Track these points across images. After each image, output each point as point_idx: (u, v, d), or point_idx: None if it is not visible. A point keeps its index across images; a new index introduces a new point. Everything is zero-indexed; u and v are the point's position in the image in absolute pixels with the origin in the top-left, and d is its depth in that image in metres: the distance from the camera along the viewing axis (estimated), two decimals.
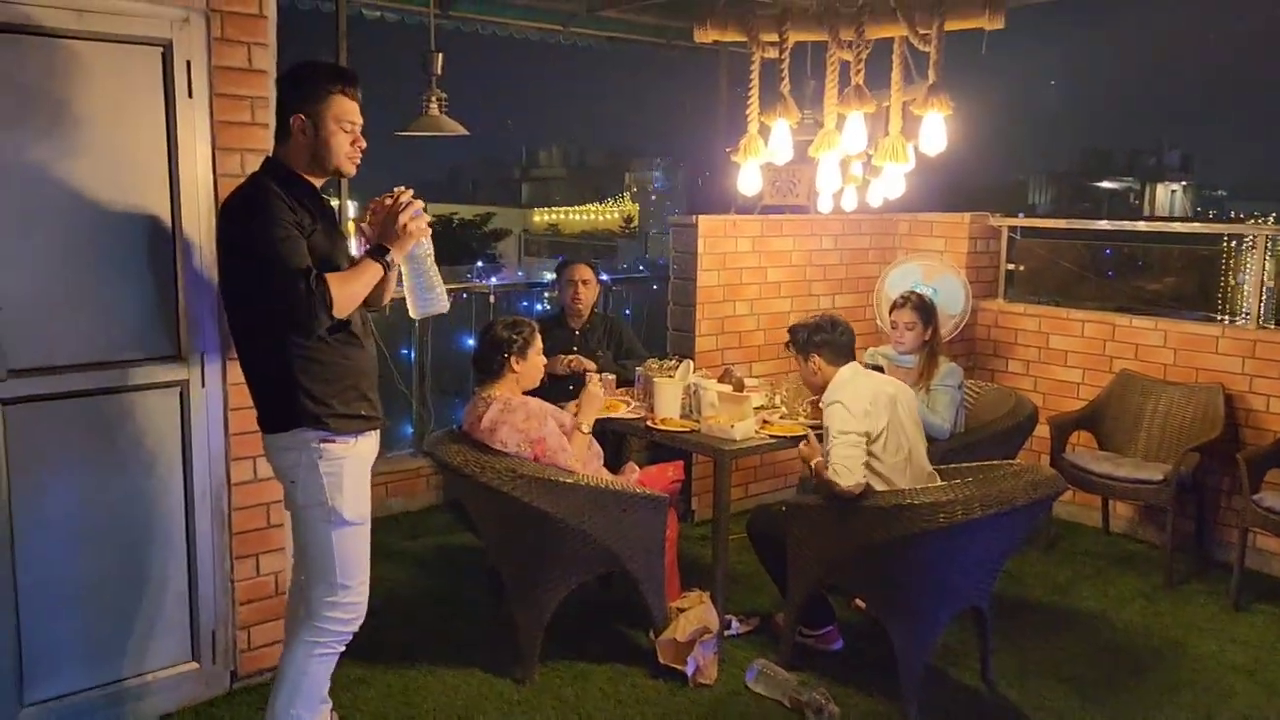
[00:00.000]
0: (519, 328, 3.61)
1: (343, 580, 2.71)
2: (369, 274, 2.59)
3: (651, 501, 3.53)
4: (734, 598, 4.23)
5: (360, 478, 2.71)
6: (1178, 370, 5.12)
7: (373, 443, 2.78)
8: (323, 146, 2.60)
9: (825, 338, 3.65)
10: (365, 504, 2.74)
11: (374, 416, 2.75)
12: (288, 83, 2.66)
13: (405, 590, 4.42)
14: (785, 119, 2.96)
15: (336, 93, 2.59)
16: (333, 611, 2.72)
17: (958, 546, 3.27)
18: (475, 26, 5.87)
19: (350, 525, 2.69)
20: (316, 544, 2.69)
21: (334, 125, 2.59)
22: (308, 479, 2.63)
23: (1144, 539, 5.19)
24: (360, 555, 2.75)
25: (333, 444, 2.62)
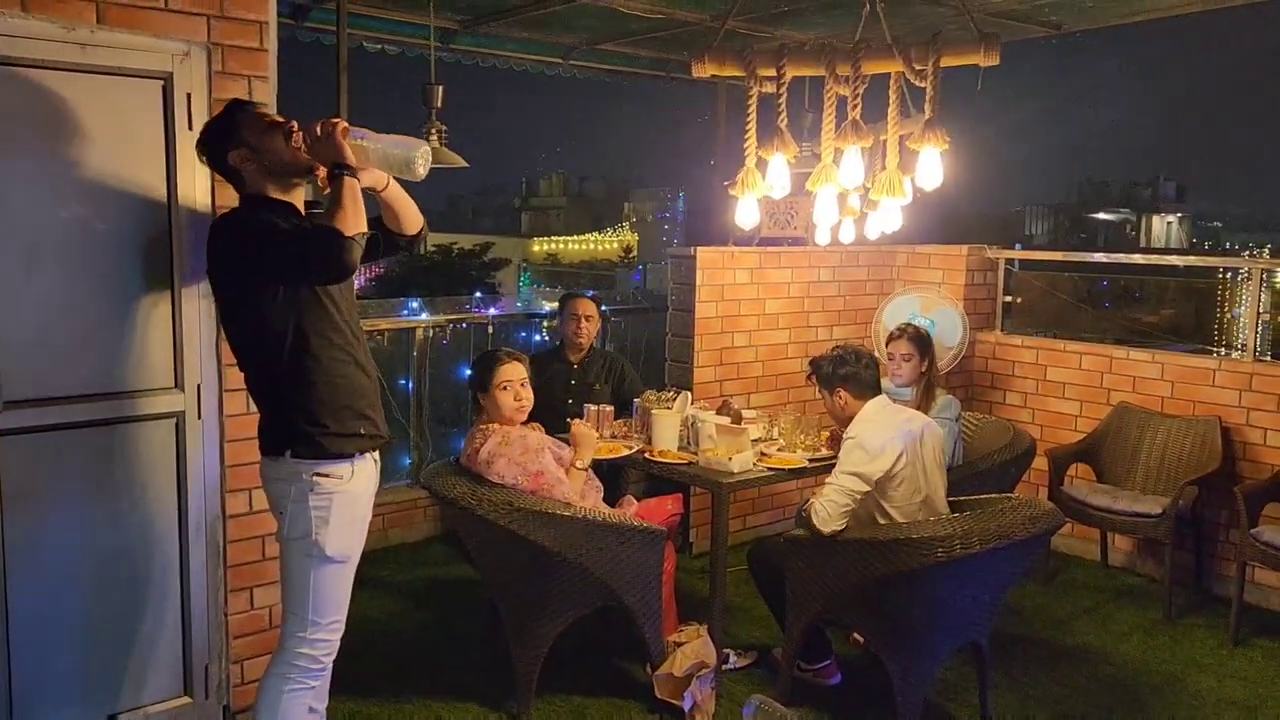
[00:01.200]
0: (480, 363, 3.62)
1: (314, 617, 2.66)
2: (346, 192, 2.50)
3: (649, 535, 3.51)
4: (732, 631, 4.21)
5: (350, 515, 2.66)
6: (1175, 403, 5.12)
7: (369, 474, 2.74)
8: (269, 156, 2.62)
9: (849, 371, 3.62)
10: (352, 542, 2.69)
11: (375, 435, 2.72)
12: (204, 143, 2.71)
13: (401, 624, 4.39)
14: (783, 153, 2.98)
15: (241, 116, 2.65)
16: (301, 647, 2.67)
17: (956, 581, 3.26)
18: (476, 59, 5.91)
19: (332, 563, 2.64)
20: (295, 577, 2.66)
21: (261, 135, 2.62)
22: (296, 511, 2.61)
23: (1143, 572, 5.17)
24: (337, 594, 2.70)
25: (325, 477, 2.60)
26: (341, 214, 2.49)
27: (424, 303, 5.47)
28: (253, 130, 2.62)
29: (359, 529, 2.72)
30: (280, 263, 2.53)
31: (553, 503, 3.40)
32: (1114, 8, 5.21)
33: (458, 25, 5.48)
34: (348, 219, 2.48)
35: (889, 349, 4.50)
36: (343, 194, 2.51)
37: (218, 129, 2.68)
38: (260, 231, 2.55)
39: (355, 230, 2.49)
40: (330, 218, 2.49)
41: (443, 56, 5.62)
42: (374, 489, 2.79)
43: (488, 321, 5.65)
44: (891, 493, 3.45)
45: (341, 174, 2.53)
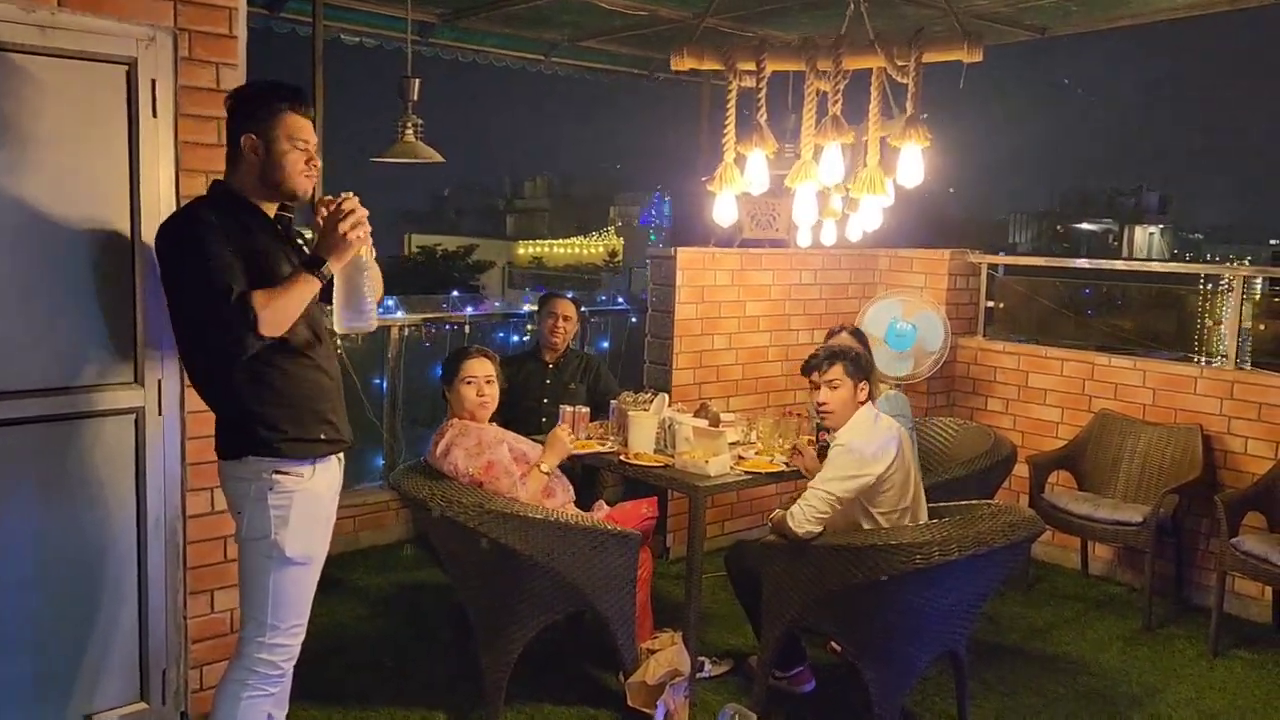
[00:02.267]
0: (450, 357, 3.59)
1: (274, 621, 2.55)
2: (301, 288, 2.41)
3: (622, 539, 3.44)
4: (707, 638, 4.14)
5: (311, 515, 2.56)
6: (1156, 410, 5.08)
7: (332, 474, 2.64)
8: (274, 166, 2.49)
9: (870, 364, 3.57)
10: (314, 543, 2.59)
11: (336, 440, 2.61)
12: (235, 101, 2.56)
13: (369, 628, 4.30)
14: (761, 149, 2.92)
15: (286, 110, 2.48)
16: (260, 652, 2.57)
17: (935, 589, 3.20)
18: (455, 54, 5.83)
19: (292, 565, 2.54)
20: (253, 580, 2.56)
21: (286, 143, 2.48)
22: (254, 511, 2.51)
23: (1123, 581, 5.13)
24: (298, 597, 2.60)
25: (285, 475, 2.50)
26: (278, 303, 2.37)
27: (399, 301, 5.37)
28: (283, 131, 2.47)
29: (321, 530, 2.62)
30: (190, 296, 2.42)
31: (523, 506, 3.32)
32: (1098, 12, 5.18)
33: (437, 19, 5.41)
34: (283, 311, 2.38)
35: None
36: (297, 285, 2.40)
37: (255, 102, 2.50)
38: (195, 251, 2.39)
39: (279, 328, 2.39)
40: (269, 298, 2.36)
41: (422, 51, 5.54)
42: (337, 490, 2.71)
43: (465, 321, 5.56)
44: (880, 498, 3.38)
45: (315, 268, 2.42)
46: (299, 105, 2.50)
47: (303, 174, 2.51)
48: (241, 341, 2.35)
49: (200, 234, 2.40)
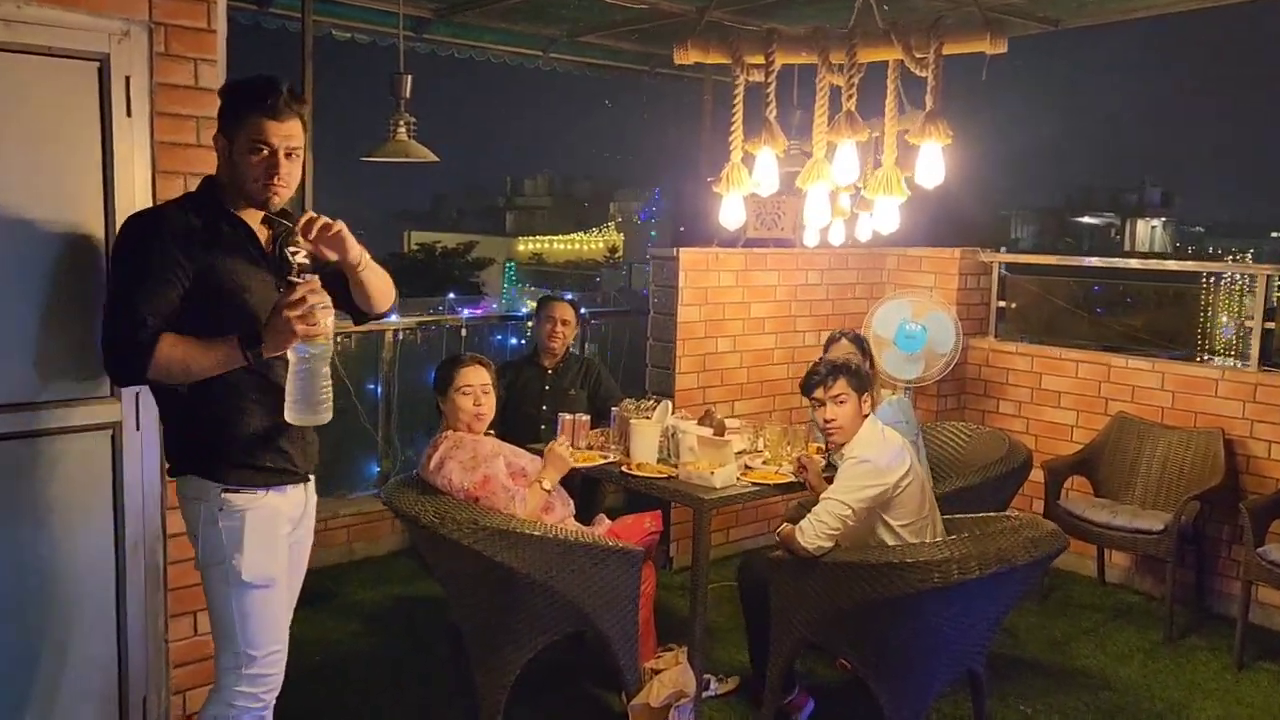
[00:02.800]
0: (444, 366, 3.43)
1: (247, 649, 2.38)
2: (219, 358, 2.22)
3: (624, 555, 3.28)
4: (713, 654, 3.99)
5: (267, 535, 2.38)
6: (1176, 414, 4.93)
7: (291, 499, 2.46)
8: (236, 170, 2.30)
9: (870, 377, 3.45)
10: (272, 564, 2.40)
11: (287, 470, 2.41)
12: (219, 98, 2.41)
13: (361, 645, 4.15)
14: (770, 147, 2.75)
15: (255, 111, 2.27)
16: (238, 684, 2.40)
17: (954, 607, 3.04)
18: (451, 51, 5.68)
19: (252, 589, 2.36)
20: (218, 607, 2.40)
21: (244, 146, 2.28)
22: (207, 534, 2.35)
23: (1141, 589, 4.98)
24: (269, 622, 2.42)
25: (235, 494, 2.33)
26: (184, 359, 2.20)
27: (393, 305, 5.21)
28: (246, 134, 2.27)
29: (280, 549, 2.43)
30: (108, 302, 2.28)
31: (520, 522, 3.17)
32: (1112, 4, 5.02)
33: (431, 14, 5.24)
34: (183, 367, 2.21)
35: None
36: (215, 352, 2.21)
37: (228, 101, 2.33)
38: (135, 262, 2.24)
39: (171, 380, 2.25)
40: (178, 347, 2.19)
41: (416, 47, 5.39)
42: (300, 511, 2.52)
43: (461, 324, 5.40)
44: (898, 509, 3.22)
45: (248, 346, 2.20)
46: (267, 107, 2.26)
47: (257, 180, 2.29)
48: (121, 376, 2.26)
49: (149, 246, 2.25)
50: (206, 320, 2.26)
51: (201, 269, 2.27)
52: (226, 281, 2.30)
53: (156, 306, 2.21)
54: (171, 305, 2.23)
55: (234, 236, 2.35)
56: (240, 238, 2.36)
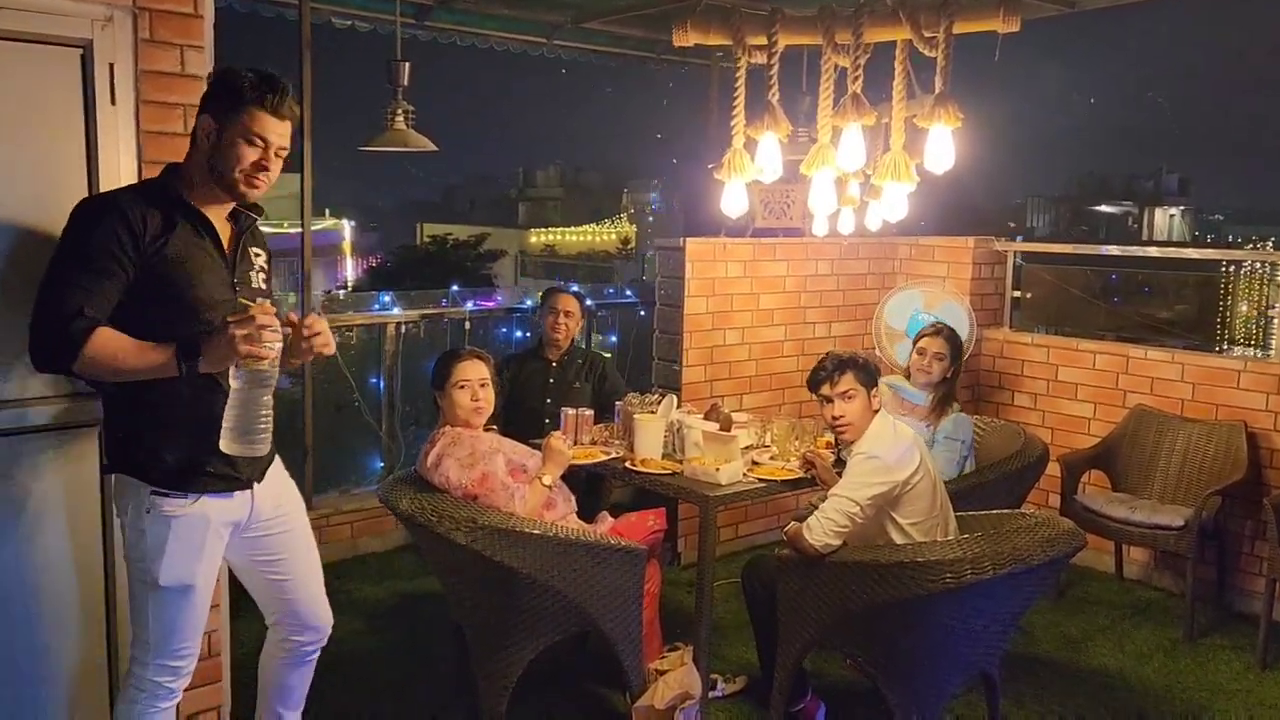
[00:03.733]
0: (441, 360, 3.35)
1: (154, 643, 2.37)
2: (150, 362, 2.16)
3: (627, 554, 3.19)
4: (720, 652, 3.91)
5: (193, 544, 2.33)
6: (1196, 406, 4.80)
7: (230, 506, 2.39)
8: (222, 155, 2.26)
9: (877, 372, 3.34)
10: (194, 570, 2.35)
11: (228, 476, 2.34)
12: (210, 83, 2.39)
13: (362, 644, 4.07)
14: (774, 132, 2.65)
15: (257, 103, 2.25)
16: (145, 671, 2.41)
17: (966, 609, 2.94)
18: (454, 38, 5.57)
19: (166, 590, 2.32)
20: (134, 599, 2.41)
21: (239, 136, 2.25)
22: (131, 530, 2.33)
23: (1160, 586, 4.86)
24: (180, 625, 2.39)
25: (163, 498, 2.28)
26: (114, 356, 2.15)
27: (396, 297, 5.14)
28: (244, 124, 2.24)
29: (207, 555, 2.37)
30: (44, 282, 2.20)
31: (519, 520, 3.08)
32: None
33: (434, 1, 5.14)
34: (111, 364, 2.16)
35: (921, 345, 4.18)
36: (147, 356, 2.16)
37: (227, 88, 2.27)
38: (77, 248, 2.20)
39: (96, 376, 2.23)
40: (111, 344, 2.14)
41: (418, 34, 5.30)
42: (246, 512, 2.45)
43: (465, 317, 5.32)
44: (908, 507, 3.12)
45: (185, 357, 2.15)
46: (272, 103, 2.26)
47: (247, 173, 2.28)
48: (44, 362, 2.20)
49: (94, 233, 2.19)
50: (151, 313, 2.22)
51: (149, 260, 2.22)
52: (175, 275, 2.25)
53: (94, 297, 2.16)
54: (110, 297, 2.19)
55: (188, 230, 2.29)
56: (196, 231, 2.31)
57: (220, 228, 2.36)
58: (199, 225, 2.30)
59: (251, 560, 2.60)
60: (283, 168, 2.43)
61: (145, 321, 2.20)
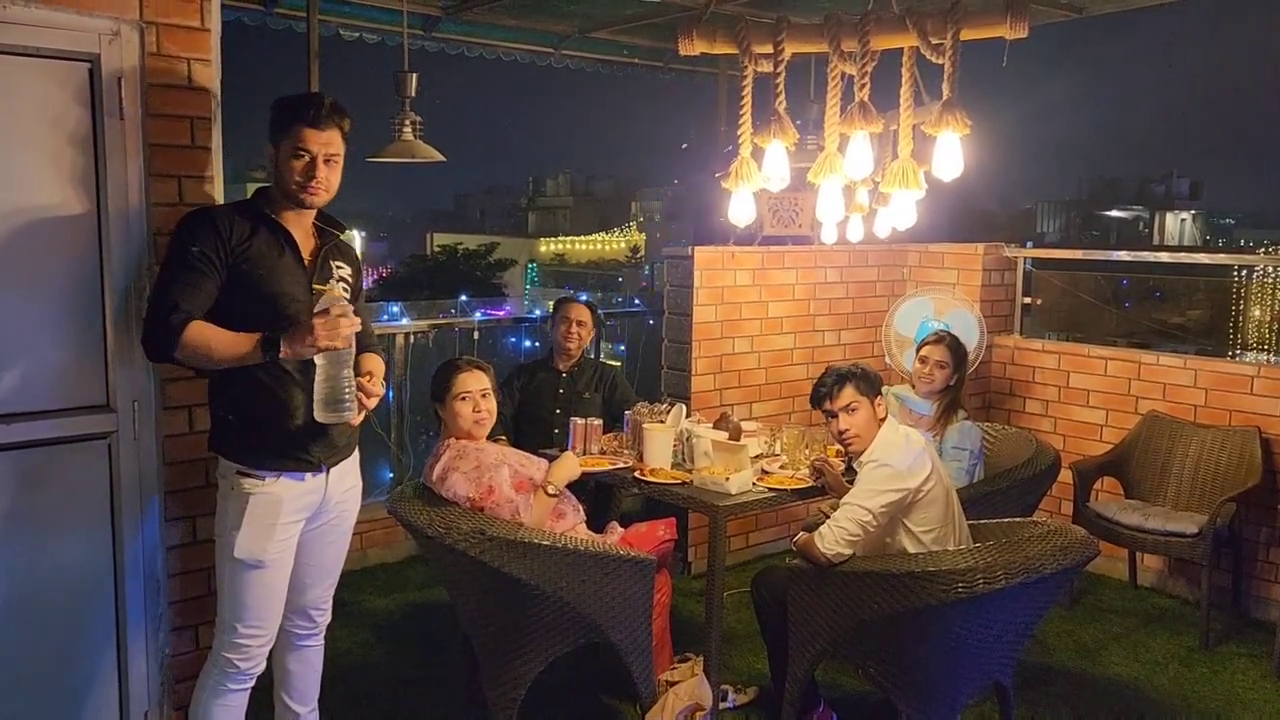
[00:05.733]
0: (441, 372, 3.34)
1: (231, 619, 2.61)
2: (238, 349, 2.43)
3: (637, 565, 3.17)
4: (731, 662, 3.89)
5: (265, 520, 2.55)
6: (1209, 412, 4.76)
7: (302, 488, 2.61)
8: (279, 173, 2.55)
9: (879, 381, 3.32)
10: (266, 548, 2.56)
11: (303, 459, 2.59)
12: (270, 113, 2.61)
13: (373, 655, 4.06)
14: (780, 140, 2.64)
15: (299, 121, 2.52)
16: (224, 650, 2.63)
17: (979, 618, 2.92)
18: (461, 49, 5.58)
19: (240, 565, 2.55)
20: (218, 575, 2.65)
21: (288, 153, 2.53)
22: (220, 507, 2.61)
23: (1175, 593, 4.82)
24: (254, 602, 2.60)
25: (246, 477, 2.54)
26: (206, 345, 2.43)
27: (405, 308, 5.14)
28: (291, 141, 2.51)
29: (278, 537, 2.58)
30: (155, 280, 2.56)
31: (528, 531, 3.07)
32: None
33: (440, 11, 5.15)
34: (198, 356, 2.45)
35: (923, 353, 4.15)
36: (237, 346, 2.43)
37: (280, 115, 2.54)
38: (178, 251, 2.50)
39: (191, 364, 2.53)
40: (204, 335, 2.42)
41: (425, 45, 5.31)
42: (319, 497, 2.67)
43: (474, 327, 5.31)
44: (920, 515, 3.10)
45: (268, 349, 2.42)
46: (310, 118, 2.52)
47: (300, 182, 2.53)
48: (151, 351, 2.48)
49: (190, 240, 2.47)
50: (238, 312, 2.48)
51: (235, 261, 2.50)
52: (258, 279, 2.51)
53: (189, 295, 2.44)
54: (205, 295, 2.47)
55: (271, 240, 2.56)
56: (277, 241, 2.57)
57: (302, 239, 2.62)
58: (278, 234, 2.57)
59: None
60: None
61: (233, 314, 2.48)
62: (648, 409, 3.97)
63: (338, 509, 2.74)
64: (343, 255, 2.72)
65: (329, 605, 2.90)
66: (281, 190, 2.56)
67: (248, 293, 2.50)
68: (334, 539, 2.79)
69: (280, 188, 2.56)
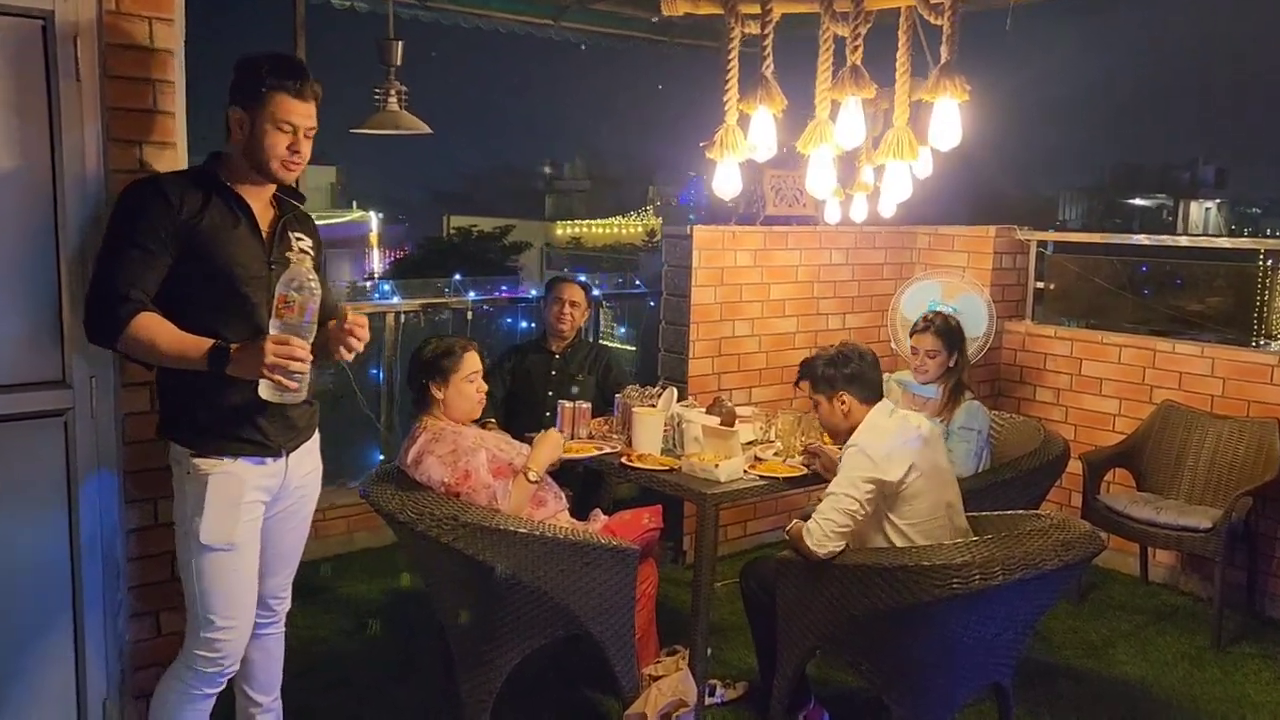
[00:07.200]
0: (445, 350, 3.17)
1: (205, 613, 2.44)
2: (185, 354, 2.28)
3: (619, 554, 3.04)
4: (722, 655, 3.76)
5: (228, 499, 2.41)
6: (1226, 402, 4.58)
7: (261, 472, 2.47)
8: (256, 145, 2.37)
9: (855, 370, 3.07)
10: (233, 530, 2.42)
11: (259, 442, 2.43)
12: (234, 71, 2.42)
13: (350, 644, 3.95)
14: (767, 106, 2.48)
15: (278, 89, 2.34)
16: (197, 648, 2.46)
17: (975, 616, 2.77)
18: (457, 20, 5.43)
19: (210, 551, 2.40)
20: (183, 568, 2.47)
21: (270, 124, 2.35)
22: (179, 495, 2.45)
23: (1187, 590, 4.65)
24: (227, 589, 2.45)
25: (201, 459, 2.39)
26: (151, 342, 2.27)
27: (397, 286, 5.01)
28: (271, 111, 2.33)
29: (245, 517, 2.45)
30: (96, 262, 2.38)
31: (505, 518, 2.94)
32: None
33: None
34: (142, 349, 2.30)
35: (913, 343, 3.99)
36: (182, 348, 2.28)
37: (250, 76, 2.35)
38: (124, 228, 2.33)
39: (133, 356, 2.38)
40: (152, 330, 2.27)
41: (419, 15, 5.15)
42: (278, 482, 2.53)
43: (467, 307, 5.17)
44: (904, 507, 2.95)
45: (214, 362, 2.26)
46: (294, 86, 2.36)
47: (281, 158, 2.39)
48: (93, 336, 2.34)
49: (138, 213, 2.31)
50: (190, 283, 2.33)
51: (186, 235, 2.32)
52: (214, 253, 2.35)
53: (139, 278, 2.28)
54: (154, 275, 2.31)
55: (226, 211, 2.39)
56: (232, 212, 2.40)
57: (260, 211, 2.45)
58: (233, 205, 2.40)
59: None
60: (313, 159, 2.58)
61: (183, 291, 2.33)
62: (638, 392, 3.83)
63: (297, 494, 2.60)
64: (302, 226, 2.56)
65: (289, 593, 2.75)
66: (254, 163, 2.38)
67: (200, 268, 2.33)
68: (294, 525, 2.65)
69: (253, 160, 2.38)
